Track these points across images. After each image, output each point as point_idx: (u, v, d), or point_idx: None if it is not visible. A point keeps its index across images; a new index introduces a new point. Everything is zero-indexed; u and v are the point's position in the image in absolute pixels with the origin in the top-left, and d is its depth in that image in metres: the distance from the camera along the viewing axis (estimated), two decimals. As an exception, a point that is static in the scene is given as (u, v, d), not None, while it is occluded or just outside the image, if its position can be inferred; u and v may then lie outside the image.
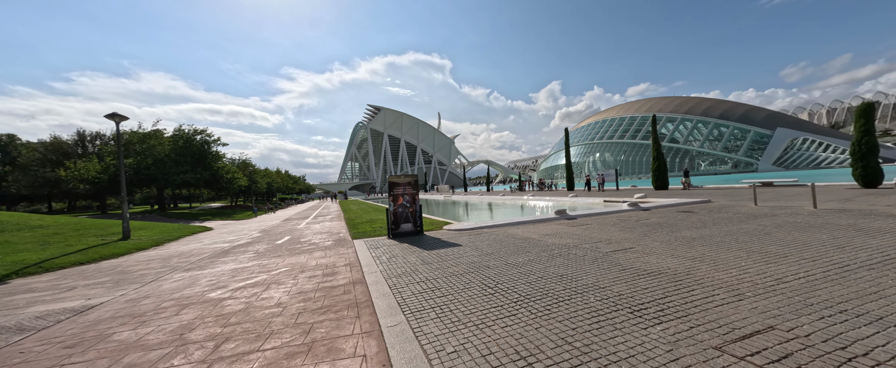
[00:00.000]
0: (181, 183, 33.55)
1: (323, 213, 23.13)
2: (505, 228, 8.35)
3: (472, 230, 8.26)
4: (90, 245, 10.03)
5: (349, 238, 8.87)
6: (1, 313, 4.02)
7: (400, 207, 8.45)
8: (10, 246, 9.22)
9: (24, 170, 35.59)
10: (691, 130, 51.93)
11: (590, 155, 56.81)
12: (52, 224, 13.53)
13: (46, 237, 10.87)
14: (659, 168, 19.32)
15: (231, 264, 6.40)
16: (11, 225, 12.16)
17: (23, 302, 4.47)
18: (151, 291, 4.70)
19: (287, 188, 78.14)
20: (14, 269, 6.65)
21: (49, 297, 4.67)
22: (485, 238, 6.94)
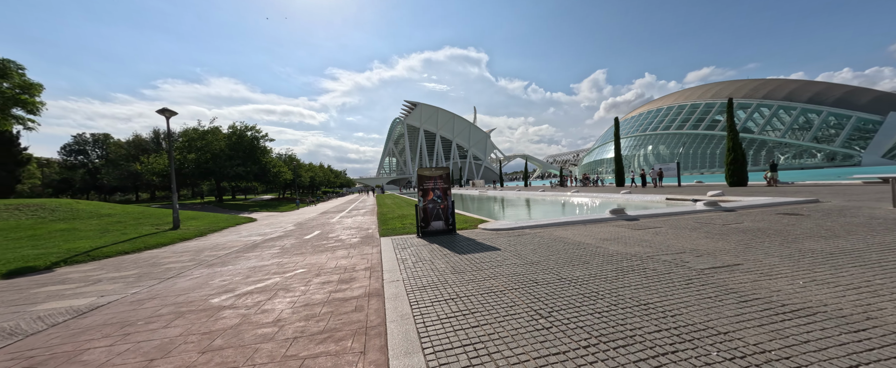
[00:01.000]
0: (234, 176, 36.28)
1: (358, 207, 23.36)
2: (550, 229, 7.15)
3: (511, 231, 7.19)
4: (142, 234, 10.65)
5: (377, 236, 8.29)
6: (12, 308, 3.87)
7: (430, 202, 7.63)
8: (75, 233, 10.04)
9: (114, 164, 40.88)
10: (769, 117, 44.71)
11: (640, 148, 51.70)
12: (118, 213, 14.88)
13: (109, 226, 11.83)
14: (735, 161, 16.35)
15: (253, 260, 6.07)
16: (85, 213, 13.51)
17: (43, 296, 4.37)
18: (162, 290, 4.37)
19: (329, 182, 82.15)
20: (65, 257, 6.97)
21: (69, 292, 4.55)
22: (527, 241, 5.86)
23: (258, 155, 38.62)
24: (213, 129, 38.59)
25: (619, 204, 13.05)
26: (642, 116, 57.30)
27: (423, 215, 7.59)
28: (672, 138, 49.10)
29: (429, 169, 7.73)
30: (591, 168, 56.32)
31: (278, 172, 41.53)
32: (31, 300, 4.22)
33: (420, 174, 7.71)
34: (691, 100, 52.07)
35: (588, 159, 60.91)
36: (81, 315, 3.53)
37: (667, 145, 49.12)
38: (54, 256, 7.00)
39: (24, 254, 7.27)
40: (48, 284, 5.06)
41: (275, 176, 41.45)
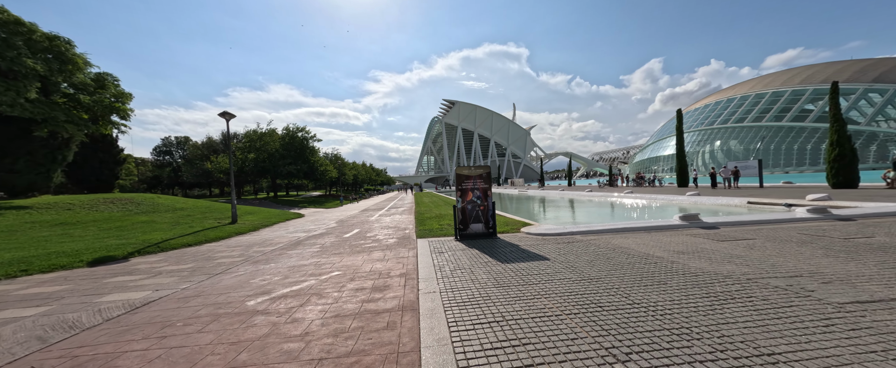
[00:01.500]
0: (286, 174, 39.20)
1: (397, 205, 23.70)
2: (606, 236, 6.28)
3: (559, 237, 6.45)
4: (205, 227, 11.64)
5: (414, 237, 8.03)
6: (83, 299, 4.17)
7: (469, 203, 7.16)
8: (152, 225, 11.27)
9: (191, 163, 46.40)
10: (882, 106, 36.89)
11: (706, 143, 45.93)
12: (189, 207, 16.60)
13: (180, 219, 13.18)
14: (841, 157, 13.43)
15: (293, 259, 6.12)
16: (163, 207, 15.25)
17: (110, 287, 4.70)
18: (207, 288, 4.47)
19: (370, 180, 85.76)
20: (139, 247, 7.71)
21: (132, 284, 4.86)
22: (580, 250, 5.13)
23: (307, 155, 41.28)
24: (270, 131, 41.96)
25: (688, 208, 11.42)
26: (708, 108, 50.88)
27: (462, 217, 7.15)
28: (747, 132, 42.82)
29: (468, 168, 7.26)
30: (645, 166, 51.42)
31: (325, 170, 44.08)
32: (100, 290, 4.55)
33: (458, 173, 7.27)
34: (773, 87, 44.92)
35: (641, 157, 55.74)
36: (133, 311, 3.65)
37: (740, 140, 42.97)
38: (131, 247, 7.79)
39: (108, 244, 8.20)
40: (119, 274, 5.51)
41: (322, 174, 44.05)
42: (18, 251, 6.96)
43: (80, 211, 12.31)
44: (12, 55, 11.40)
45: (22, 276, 5.52)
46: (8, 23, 11.94)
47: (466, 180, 7.23)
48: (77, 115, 15.50)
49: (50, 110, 13.43)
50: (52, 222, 10.34)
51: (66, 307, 3.88)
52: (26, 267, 5.79)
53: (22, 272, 5.60)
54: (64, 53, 13.82)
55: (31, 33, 12.58)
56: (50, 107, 13.47)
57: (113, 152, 27.08)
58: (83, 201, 13.81)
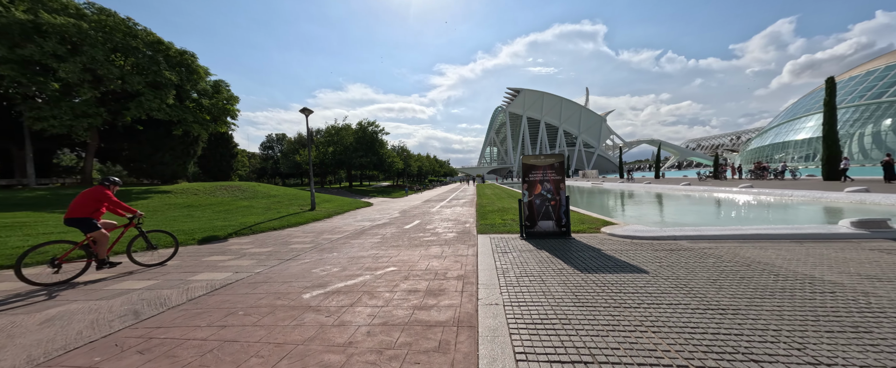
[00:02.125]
0: (358, 166, 42.59)
1: (459, 196, 23.52)
2: (730, 244, 4.79)
3: (657, 241, 5.17)
4: (289, 213, 13.02)
5: (474, 231, 7.49)
6: (181, 276, 4.69)
7: (537, 197, 6.28)
8: (250, 210, 13.04)
9: (286, 156, 53.81)
10: None
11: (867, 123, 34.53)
12: (280, 194, 18.99)
13: (271, 205, 15.07)
14: None
15: (354, 249, 6.16)
16: (261, 194, 17.72)
17: (203, 266, 5.27)
18: (275, 274, 4.64)
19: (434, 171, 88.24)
20: (237, 229, 8.84)
21: (221, 264, 5.38)
22: (692, 263, 3.91)
23: (377, 147, 44.11)
24: (346, 126, 45.92)
25: (852, 209, 8.43)
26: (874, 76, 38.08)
27: (528, 213, 6.32)
28: (936, 107, 30.70)
29: (537, 157, 6.35)
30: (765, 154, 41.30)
31: (392, 162, 46.58)
32: (196, 268, 5.13)
33: (526, 163, 6.41)
34: None
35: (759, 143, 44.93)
36: (211, 292, 3.90)
37: (923, 118, 31.14)
38: (231, 228, 8.98)
39: (215, 225, 9.63)
40: (215, 254, 6.24)
41: (389, 166, 46.69)
42: (153, 227, 8.59)
43: (202, 196, 15.05)
44: (156, 69, 14.37)
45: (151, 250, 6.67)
46: (152, 42, 15.07)
47: (535, 171, 6.34)
48: (202, 116, 18.93)
49: (182, 113, 16.67)
50: (182, 204, 12.81)
51: (167, 282, 4.39)
52: (156, 243, 7.01)
53: (163, 246, 6.78)
54: (190, 65, 16.95)
55: (167, 50, 15.71)
56: (182, 110, 16.71)
57: (229, 147, 32.94)
58: (205, 188, 16.88)
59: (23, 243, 6.43)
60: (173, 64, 15.89)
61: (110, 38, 13.36)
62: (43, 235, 7.21)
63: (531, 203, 6.32)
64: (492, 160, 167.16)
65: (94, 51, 12.46)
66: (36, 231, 7.33)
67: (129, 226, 5.18)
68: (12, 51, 11.20)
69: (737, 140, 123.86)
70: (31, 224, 7.66)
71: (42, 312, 3.38)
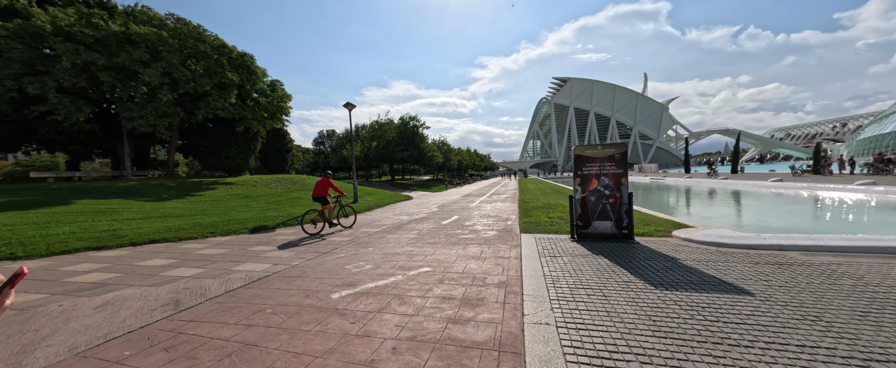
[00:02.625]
0: (400, 160, 43.57)
1: (500, 191, 22.70)
2: (865, 257, 3.63)
3: (754, 251, 4.13)
4: (334, 205, 13.51)
5: (517, 230, 6.87)
6: (225, 265, 4.83)
7: (592, 194, 5.48)
8: (299, 201, 13.77)
9: (335, 151, 57.02)
10: None
11: None
12: (327, 187, 19.96)
13: (318, 196, 15.85)
14: None
15: (390, 244, 5.96)
16: (310, 186, 18.76)
17: (247, 257, 5.43)
18: (309, 269, 4.57)
19: (474, 165, 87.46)
20: (284, 220, 9.26)
21: (263, 254, 5.52)
22: (817, 282, 2.95)
23: (418, 141, 44.70)
24: (389, 121, 47.13)
25: None
26: None
27: (581, 212, 5.54)
28: None
29: (592, 147, 5.53)
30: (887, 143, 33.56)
31: (432, 156, 46.89)
32: (241, 258, 5.29)
33: (579, 155, 5.62)
34: None
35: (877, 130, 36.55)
36: (248, 284, 3.89)
37: None
38: (280, 219, 9.45)
39: (267, 215, 10.23)
40: (261, 243, 6.48)
41: (429, 160, 47.07)
42: (214, 217, 9.39)
43: (259, 187, 16.36)
44: (221, 71, 15.83)
45: (209, 237, 7.18)
46: (218, 47, 16.62)
47: (590, 164, 5.52)
48: (260, 114, 20.56)
49: (243, 111, 18.24)
50: (241, 195, 14.01)
51: (211, 271, 4.53)
52: (213, 230, 7.55)
53: (210, 234, 7.31)
54: (250, 67, 18.43)
55: (230, 53, 17.23)
56: (243, 109, 18.29)
57: (284, 143, 35.73)
58: (262, 180, 18.37)
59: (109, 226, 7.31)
60: (235, 66, 17.42)
61: (184, 44, 15.00)
62: (126, 220, 8.18)
63: (585, 200, 5.53)
64: (535, 154, 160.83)
65: (171, 56, 14.08)
66: (121, 217, 8.36)
67: (336, 202, 8.25)
68: (109, 59, 13.09)
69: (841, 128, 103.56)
70: (117, 211, 8.83)
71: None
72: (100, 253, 5.58)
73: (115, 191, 11.51)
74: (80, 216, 7.82)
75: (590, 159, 5.52)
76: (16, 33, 12.16)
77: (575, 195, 5.62)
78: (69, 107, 12.89)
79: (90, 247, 5.80)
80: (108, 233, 6.65)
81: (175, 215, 9.14)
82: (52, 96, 12.60)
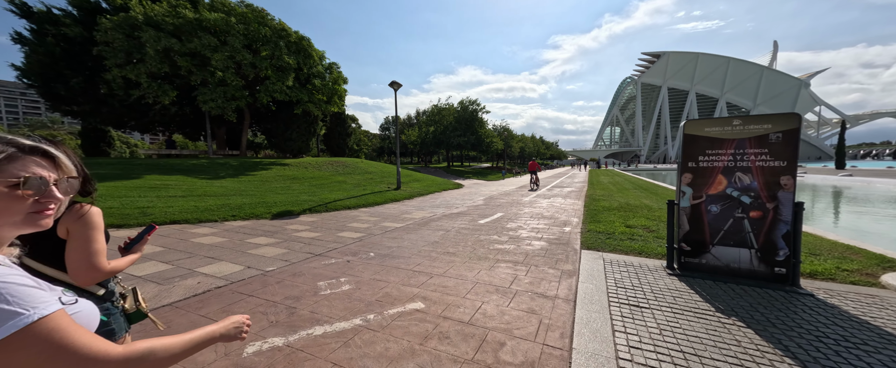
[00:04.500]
0: (456, 145, 42.49)
1: (564, 183, 19.85)
2: None
3: None
4: (374, 191, 12.96)
5: (576, 243, 4.96)
6: (235, 251, 4.14)
7: (716, 200, 3.35)
8: (341, 185, 13.58)
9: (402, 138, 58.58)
10: None
11: None
12: (376, 172, 19.86)
13: (362, 181, 15.59)
14: None
15: (399, 250, 4.73)
16: (360, 170, 18.85)
17: (243, 248, 4.74)
18: (282, 279, 3.57)
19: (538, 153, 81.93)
20: (313, 205, 8.83)
21: (253, 248, 4.75)
22: None
23: (476, 127, 42.87)
24: (448, 105, 46.14)
25: None
26: None
27: (692, 228, 3.46)
28: None
29: (720, 122, 3.35)
30: None
31: (491, 142, 44.65)
32: (225, 253, 4.63)
33: (693, 135, 3.48)
34: None
35: None
36: (211, 291, 3.01)
37: None
38: (309, 204, 9.06)
39: (300, 198, 10.00)
40: (265, 234, 5.87)
41: (487, 146, 44.96)
42: (249, 198, 9.45)
43: (310, 170, 16.91)
44: (279, 54, 16.47)
45: (229, 220, 6.94)
46: (278, 30, 17.34)
47: (715, 150, 3.37)
48: (317, 97, 21.31)
49: (300, 94, 18.99)
50: (289, 176, 14.50)
51: (175, 270, 3.86)
52: (236, 213, 7.35)
53: (231, 217, 7.08)
54: (306, 49, 18.96)
55: (288, 36, 17.87)
56: (300, 91, 19.04)
57: (345, 127, 37.65)
58: (315, 163, 19.07)
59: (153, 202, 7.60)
60: (293, 49, 18.07)
61: (248, 29, 15.92)
62: (167, 197, 8.57)
63: (699, 210, 3.41)
64: (612, 142, 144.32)
65: (234, 41, 15.02)
66: (166, 193, 8.85)
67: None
68: (184, 45, 14.51)
69: None
70: (170, 187, 9.49)
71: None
72: (114, 232, 5.55)
73: (184, 168, 12.80)
74: (133, 191, 8.49)
75: (715, 143, 3.34)
76: (118, 25, 14.23)
77: (680, 201, 3.53)
78: (157, 91, 14.77)
79: (110, 224, 5.86)
80: (139, 211, 6.82)
81: (215, 194, 9.43)
82: (144, 81, 14.54)
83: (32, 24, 17.15)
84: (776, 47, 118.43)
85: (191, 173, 12.41)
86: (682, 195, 3.52)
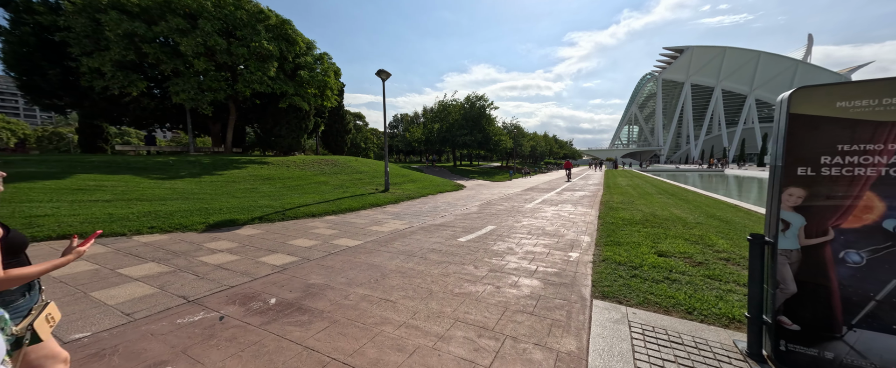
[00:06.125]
0: (461, 144, 40.87)
1: (576, 185, 18.10)
2: None
3: None
4: (355, 194, 11.57)
5: (585, 290, 3.39)
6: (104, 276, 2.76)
7: (858, 245, 1.68)
8: (319, 187, 12.25)
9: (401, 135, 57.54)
10: None
11: None
12: (368, 171, 18.51)
13: (347, 182, 14.24)
14: None
15: (337, 277, 3.27)
16: (350, 169, 17.53)
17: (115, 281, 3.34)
18: (132, 337, 2.14)
19: (551, 152, 79.40)
20: (266, 214, 7.48)
21: (143, 273, 3.36)
22: None
23: (484, 124, 41.09)
24: (454, 102, 44.41)
25: None
26: None
27: (806, 289, 1.83)
28: None
29: (865, 89, 1.69)
30: None
31: (499, 140, 42.81)
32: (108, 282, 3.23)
33: (808, 116, 1.85)
34: None
35: None
36: None
37: None
38: (262, 211, 7.72)
39: (260, 204, 8.67)
40: (156, 258, 4.49)
41: (495, 144, 43.14)
42: (193, 203, 8.16)
43: (291, 169, 15.68)
44: (258, 40, 15.27)
45: (143, 234, 5.62)
46: (255, 13, 16.15)
47: (861, 143, 1.71)
48: (304, 90, 20.11)
49: (283, 86, 17.77)
50: (264, 176, 13.27)
51: None
52: (159, 224, 6.03)
53: (148, 229, 5.77)
54: (289, 35, 17.74)
55: (267, 19, 16.66)
56: (283, 83, 17.83)
57: (343, 123, 36.54)
58: (303, 161, 17.85)
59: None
60: (274, 36, 16.84)
61: (222, 11, 14.77)
62: (90, 202, 7.34)
63: (823, 257, 1.82)
64: (630, 141, 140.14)
65: (206, 24, 13.87)
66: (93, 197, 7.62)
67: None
68: (150, 29, 13.46)
69: None
70: (103, 188, 8.30)
71: None
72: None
73: (140, 166, 11.69)
74: (47, 194, 7.32)
75: (860, 130, 1.74)
76: (82, 8, 13.29)
77: (777, 239, 1.94)
78: (123, 80, 13.75)
79: None
80: (26, 221, 5.56)
81: (153, 198, 8.18)
82: (108, 70, 13.53)
83: (10, 12, 16.47)
84: (811, 41, 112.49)
85: (146, 171, 11.27)
86: (783, 228, 1.94)
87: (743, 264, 4.01)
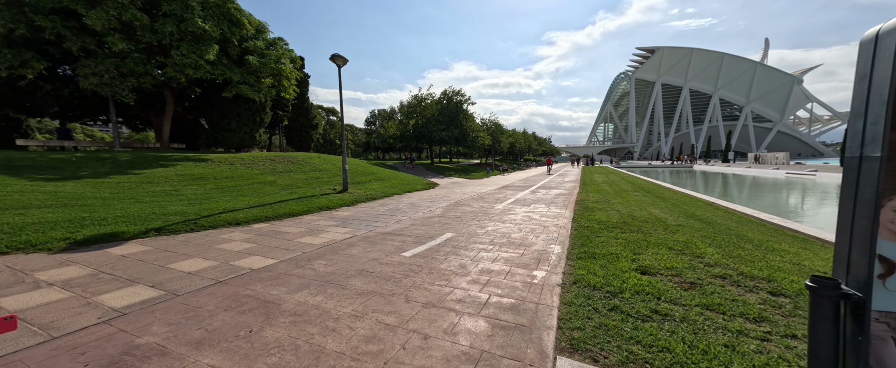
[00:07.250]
0: (438, 140, 39.74)
1: (552, 183, 17.59)
2: None
3: None
4: (307, 195, 10.28)
5: (549, 340, 2.45)
6: None
7: None
8: (262, 188, 10.79)
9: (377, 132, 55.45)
10: None
11: None
12: (329, 169, 17.04)
13: (300, 182, 12.81)
14: None
15: (192, 331, 2.13)
16: (309, 167, 16.01)
17: None
18: None
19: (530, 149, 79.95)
20: (167, 224, 6.10)
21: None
22: None
23: (461, 119, 40.06)
24: (429, 95, 43.01)
25: None
26: None
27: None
28: None
29: None
30: None
31: (476, 136, 42.04)
32: None
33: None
34: None
35: None
36: None
37: None
38: (166, 219, 6.34)
39: (171, 210, 7.23)
40: (19, 286, 3.15)
41: (473, 141, 42.35)
42: (71, 211, 6.60)
43: (235, 167, 14.00)
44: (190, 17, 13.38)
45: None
46: None
47: None
48: (261, 79, 18.25)
49: (226, 72, 15.92)
50: (194, 176, 11.60)
51: None
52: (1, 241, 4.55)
53: (-22, 248, 4.29)
54: (232, 15, 15.88)
55: None
56: (226, 69, 15.97)
57: (309, 118, 34.35)
58: (249, 158, 16.12)
59: None
60: (213, 14, 14.93)
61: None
62: None
63: None
64: (605, 139, 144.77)
65: (120, -8, 11.86)
66: None
67: None
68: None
69: None
70: None
71: None
72: None
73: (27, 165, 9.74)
74: None
75: None
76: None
77: (870, 292, 1.04)
78: (11, 59, 11.49)
79: None
80: None
81: (18, 206, 6.56)
82: (-10, 46, 11.28)
83: None
84: (767, 45, 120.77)
85: (33, 170, 9.38)
86: (882, 272, 1.04)
87: (743, 284, 3.27)
